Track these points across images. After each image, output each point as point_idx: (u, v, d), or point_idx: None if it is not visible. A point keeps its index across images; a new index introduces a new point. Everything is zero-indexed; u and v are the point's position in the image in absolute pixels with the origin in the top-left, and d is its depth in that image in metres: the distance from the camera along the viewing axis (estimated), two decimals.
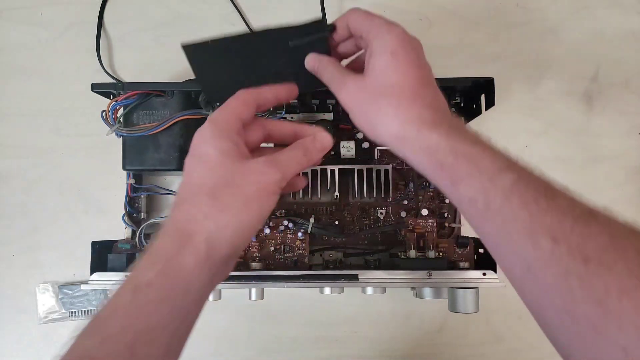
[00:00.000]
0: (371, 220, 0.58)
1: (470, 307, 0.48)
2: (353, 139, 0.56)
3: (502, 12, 0.63)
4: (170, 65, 0.62)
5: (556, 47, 0.62)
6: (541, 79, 0.62)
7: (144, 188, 0.58)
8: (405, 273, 0.48)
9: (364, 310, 0.60)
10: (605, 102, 0.61)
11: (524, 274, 0.29)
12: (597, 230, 0.27)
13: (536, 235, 0.28)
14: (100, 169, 0.60)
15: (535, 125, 0.61)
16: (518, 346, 0.59)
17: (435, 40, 0.62)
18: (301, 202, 0.58)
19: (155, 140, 0.53)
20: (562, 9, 0.63)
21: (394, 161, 0.58)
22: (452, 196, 0.33)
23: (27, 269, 0.60)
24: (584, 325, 0.26)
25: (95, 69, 0.61)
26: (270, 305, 0.59)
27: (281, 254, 0.53)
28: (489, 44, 0.62)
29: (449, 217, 0.58)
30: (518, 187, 0.29)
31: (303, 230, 0.53)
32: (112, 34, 0.63)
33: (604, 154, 0.61)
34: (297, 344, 0.60)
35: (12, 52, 0.63)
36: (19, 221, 0.60)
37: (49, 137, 0.61)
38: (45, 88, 0.62)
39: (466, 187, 0.31)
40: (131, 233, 0.56)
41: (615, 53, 0.62)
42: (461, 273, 0.48)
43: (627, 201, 0.60)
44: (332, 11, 0.62)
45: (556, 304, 0.27)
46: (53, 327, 0.59)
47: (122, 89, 0.52)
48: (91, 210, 0.60)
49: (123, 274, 0.49)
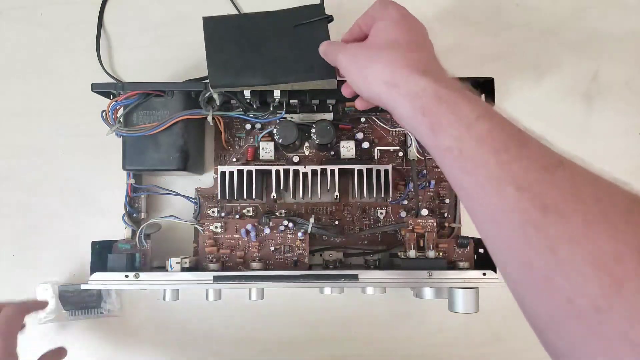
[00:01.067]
0: (371, 220, 0.58)
1: (470, 307, 0.48)
2: (353, 139, 0.56)
3: (502, 12, 0.63)
4: (170, 65, 0.62)
5: (556, 47, 0.62)
6: (541, 79, 0.61)
7: (144, 188, 0.58)
8: (405, 273, 0.48)
9: (364, 310, 0.60)
10: (605, 102, 0.61)
11: (490, 226, 0.29)
12: (561, 178, 0.27)
13: (502, 184, 0.28)
14: (100, 169, 0.60)
15: (535, 125, 0.61)
16: (518, 346, 0.59)
17: (435, 40, 0.62)
18: (301, 202, 0.58)
19: (155, 140, 0.53)
20: (562, 9, 0.63)
21: (394, 161, 0.58)
22: (429, 144, 0.33)
23: (27, 269, 0.60)
24: (538, 276, 0.25)
25: (95, 69, 0.61)
26: (270, 305, 0.59)
27: (281, 254, 0.53)
28: (489, 44, 0.62)
29: (449, 217, 0.58)
30: (491, 134, 0.30)
31: (303, 230, 0.53)
32: (112, 34, 0.63)
33: (604, 154, 0.60)
34: (297, 344, 0.60)
35: (12, 52, 0.63)
36: (19, 221, 0.60)
37: (49, 137, 0.61)
38: (45, 88, 0.62)
39: (445, 136, 0.31)
40: (131, 233, 0.56)
41: (615, 53, 0.62)
42: (461, 273, 0.48)
43: None
44: (331, 11, 0.61)
45: (516, 257, 0.27)
46: (53, 327, 0.59)
47: (122, 89, 0.52)
48: (91, 210, 0.60)
49: (123, 274, 0.49)
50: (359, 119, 0.58)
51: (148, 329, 0.59)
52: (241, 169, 0.53)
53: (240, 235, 0.53)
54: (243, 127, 0.59)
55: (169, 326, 0.59)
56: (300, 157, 0.58)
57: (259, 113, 0.54)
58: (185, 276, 0.49)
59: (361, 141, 0.57)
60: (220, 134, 0.58)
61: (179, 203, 0.59)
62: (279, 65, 0.50)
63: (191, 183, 0.59)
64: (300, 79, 0.49)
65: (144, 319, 0.59)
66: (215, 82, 0.50)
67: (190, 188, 0.59)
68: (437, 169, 0.58)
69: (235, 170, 0.53)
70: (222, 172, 0.53)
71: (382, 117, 0.58)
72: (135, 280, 0.49)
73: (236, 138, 0.59)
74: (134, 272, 0.49)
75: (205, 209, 0.58)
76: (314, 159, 0.58)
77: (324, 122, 0.54)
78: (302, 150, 0.58)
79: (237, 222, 0.54)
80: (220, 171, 0.54)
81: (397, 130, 0.59)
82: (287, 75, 0.49)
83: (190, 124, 0.54)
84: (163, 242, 0.59)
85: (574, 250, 0.24)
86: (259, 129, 0.59)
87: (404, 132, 0.58)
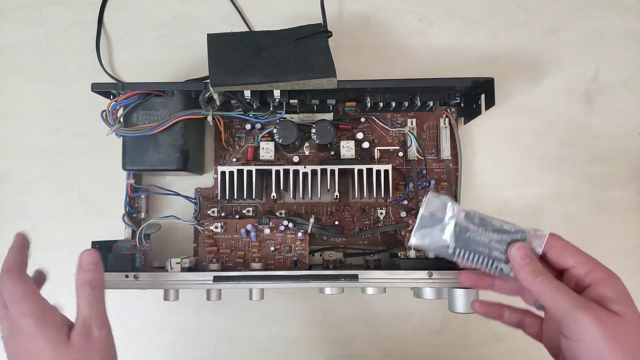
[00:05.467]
0: (371, 221, 0.58)
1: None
2: (353, 139, 0.56)
3: (502, 12, 0.63)
4: (170, 65, 0.62)
5: (556, 47, 0.62)
6: (541, 79, 0.62)
7: (144, 188, 0.58)
8: (405, 273, 0.48)
9: (364, 310, 0.60)
10: (605, 102, 0.61)
11: None
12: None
13: None
14: (100, 169, 0.60)
15: (535, 125, 0.61)
16: (518, 346, 0.59)
17: (435, 40, 0.62)
18: (301, 202, 0.58)
19: (155, 140, 0.53)
20: (562, 9, 0.63)
21: (394, 161, 0.58)
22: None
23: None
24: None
25: (95, 69, 0.61)
26: (270, 305, 0.59)
27: (281, 254, 0.53)
28: (489, 44, 0.62)
29: None
30: None
31: (303, 230, 0.53)
32: (112, 34, 0.63)
33: (604, 154, 0.61)
34: (297, 344, 0.60)
35: (12, 52, 0.63)
36: (19, 221, 0.60)
37: (49, 137, 0.61)
38: (45, 88, 0.62)
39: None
40: (131, 233, 0.56)
41: (615, 53, 0.62)
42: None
43: (627, 201, 0.60)
44: (331, 12, 0.62)
45: None
46: None
47: (122, 89, 0.52)
48: (91, 210, 0.60)
49: (123, 274, 0.49)
50: (359, 119, 0.58)
51: (148, 329, 0.59)
52: (241, 169, 0.53)
53: (240, 235, 0.53)
54: (243, 127, 0.59)
55: (170, 326, 0.59)
56: (300, 157, 0.58)
57: (259, 113, 0.54)
58: (185, 276, 0.49)
59: (361, 141, 0.57)
60: (220, 134, 0.58)
61: (179, 203, 0.59)
62: (279, 66, 0.50)
63: (191, 183, 0.59)
64: (300, 77, 0.49)
65: (144, 319, 0.59)
66: (215, 81, 0.50)
67: (190, 188, 0.59)
68: (437, 169, 0.59)
69: (235, 170, 0.53)
70: (222, 172, 0.53)
71: (382, 117, 0.59)
72: (135, 281, 0.49)
73: (236, 138, 0.59)
74: (134, 273, 0.49)
75: (205, 209, 0.58)
76: (314, 159, 0.58)
77: (324, 122, 0.54)
78: (302, 150, 0.58)
79: (237, 222, 0.54)
80: (220, 171, 0.53)
81: (397, 130, 0.59)
82: (287, 75, 0.49)
83: (190, 124, 0.54)
84: (163, 242, 0.59)
85: None
86: (259, 129, 0.59)
87: (404, 132, 0.58)
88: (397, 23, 0.62)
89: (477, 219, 0.40)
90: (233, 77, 0.50)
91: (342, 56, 0.61)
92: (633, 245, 0.59)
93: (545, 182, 0.60)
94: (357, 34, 0.62)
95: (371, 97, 0.55)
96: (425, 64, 0.62)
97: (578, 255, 0.39)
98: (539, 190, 0.60)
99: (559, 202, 0.60)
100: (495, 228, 0.40)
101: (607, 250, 0.59)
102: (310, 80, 0.49)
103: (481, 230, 0.40)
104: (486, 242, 0.40)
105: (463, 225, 0.40)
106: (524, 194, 0.60)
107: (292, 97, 0.52)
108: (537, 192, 0.60)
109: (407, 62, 0.62)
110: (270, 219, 0.53)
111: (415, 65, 0.62)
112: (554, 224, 0.59)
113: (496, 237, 0.40)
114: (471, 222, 0.40)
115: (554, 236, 0.40)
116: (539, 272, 0.38)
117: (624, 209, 0.60)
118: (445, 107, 0.58)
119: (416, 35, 0.62)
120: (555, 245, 0.39)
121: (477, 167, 0.60)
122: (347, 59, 0.61)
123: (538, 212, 0.60)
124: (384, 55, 0.62)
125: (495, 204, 0.60)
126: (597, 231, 0.59)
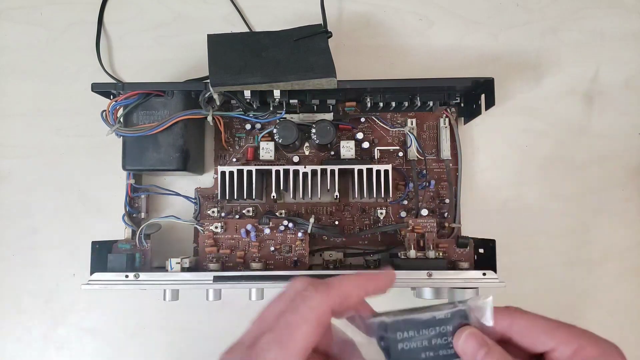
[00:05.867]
0: (371, 221, 0.58)
1: None
2: (353, 139, 0.56)
3: (502, 12, 0.63)
4: (170, 65, 0.62)
5: (556, 47, 0.62)
6: (541, 79, 0.62)
7: (144, 188, 0.58)
8: (405, 273, 0.48)
9: None
10: (605, 102, 0.61)
11: None
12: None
13: None
14: (100, 169, 0.60)
15: (535, 125, 0.61)
16: None
17: (435, 40, 0.62)
18: (301, 202, 0.58)
19: (155, 140, 0.53)
20: (562, 9, 0.63)
21: (394, 161, 0.58)
22: None
23: (27, 269, 0.60)
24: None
25: (95, 69, 0.61)
26: None
27: (281, 254, 0.53)
28: (489, 44, 0.62)
29: (449, 217, 0.58)
30: None
31: (303, 230, 0.53)
32: (112, 34, 0.63)
33: (604, 154, 0.60)
34: None
35: (12, 52, 0.63)
36: (19, 221, 0.60)
37: (49, 137, 0.61)
38: (45, 88, 0.62)
39: None
40: (131, 233, 0.56)
41: (615, 53, 0.62)
42: (461, 273, 0.48)
43: (627, 201, 0.60)
44: (331, 12, 0.62)
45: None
46: (53, 327, 0.59)
47: (122, 89, 0.52)
48: (91, 210, 0.60)
49: (123, 274, 0.49)
50: (359, 119, 0.58)
51: (148, 329, 0.59)
52: (241, 169, 0.53)
53: (240, 235, 0.53)
54: (243, 127, 0.59)
55: (169, 326, 0.59)
56: (300, 157, 0.58)
57: (259, 113, 0.54)
58: (185, 276, 0.49)
59: (361, 141, 0.57)
60: (220, 134, 0.58)
61: (179, 203, 0.59)
62: (279, 66, 0.50)
63: (191, 183, 0.59)
64: (300, 77, 0.49)
65: (144, 319, 0.59)
66: (215, 81, 0.50)
67: (190, 188, 0.59)
68: (437, 169, 0.59)
69: (235, 170, 0.53)
70: (222, 172, 0.53)
71: (382, 117, 0.59)
72: (135, 280, 0.49)
73: (236, 138, 0.59)
74: (134, 272, 0.49)
75: (205, 209, 0.58)
76: (314, 159, 0.58)
77: (324, 122, 0.54)
78: (302, 150, 0.58)
79: (237, 222, 0.54)
80: (220, 171, 0.53)
81: (397, 130, 0.59)
82: (287, 75, 0.49)
83: (190, 124, 0.54)
84: (163, 242, 0.59)
85: None
86: (259, 129, 0.59)
87: (404, 132, 0.58)
88: (397, 23, 0.62)
89: (400, 323, 0.31)
90: (233, 77, 0.50)
91: (342, 56, 0.61)
92: (633, 246, 0.59)
93: (545, 182, 0.60)
94: (357, 34, 0.62)
95: (371, 97, 0.55)
96: (425, 64, 0.62)
97: (557, 331, 0.29)
98: (539, 190, 0.60)
99: (558, 202, 0.60)
100: (427, 323, 0.31)
101: (607, 251, 0.59)
102: (310, 80, 0.49)
103: (412, 332, 0.30)
104: (426, 344, 0.30)
105: (388, 338, 0.30)
106: (523, 194, 0.60)
107: (292, 97, 0.52)
108: (537, 192, 0.60)
109: (407, 62, 0.62)
110: (270, 219, 0.53)
111: (415, 65, 0.62)
112: (554, 224, 0.59)
113: (434, 333, 0.30)
114: (396, 330, 0.30)
115: (515, 312, 0.30)
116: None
117: (623, 209, 0.60)
118: (445, 107, 0.58)
119: (416, 35, 0.62)
120: (520, 324, 0.29)
121: (477, 167, 0.60)
122: (347, 59, 0.61)
123: (538, 212, 0.60)
124: (384, 55, 0.62)
125: (495, 204, 0.60)
126: (597, 231, 0.59)
